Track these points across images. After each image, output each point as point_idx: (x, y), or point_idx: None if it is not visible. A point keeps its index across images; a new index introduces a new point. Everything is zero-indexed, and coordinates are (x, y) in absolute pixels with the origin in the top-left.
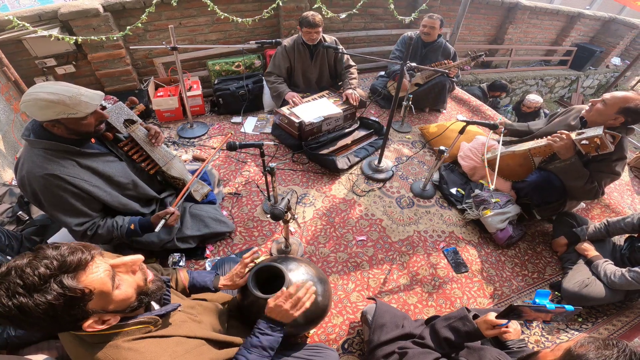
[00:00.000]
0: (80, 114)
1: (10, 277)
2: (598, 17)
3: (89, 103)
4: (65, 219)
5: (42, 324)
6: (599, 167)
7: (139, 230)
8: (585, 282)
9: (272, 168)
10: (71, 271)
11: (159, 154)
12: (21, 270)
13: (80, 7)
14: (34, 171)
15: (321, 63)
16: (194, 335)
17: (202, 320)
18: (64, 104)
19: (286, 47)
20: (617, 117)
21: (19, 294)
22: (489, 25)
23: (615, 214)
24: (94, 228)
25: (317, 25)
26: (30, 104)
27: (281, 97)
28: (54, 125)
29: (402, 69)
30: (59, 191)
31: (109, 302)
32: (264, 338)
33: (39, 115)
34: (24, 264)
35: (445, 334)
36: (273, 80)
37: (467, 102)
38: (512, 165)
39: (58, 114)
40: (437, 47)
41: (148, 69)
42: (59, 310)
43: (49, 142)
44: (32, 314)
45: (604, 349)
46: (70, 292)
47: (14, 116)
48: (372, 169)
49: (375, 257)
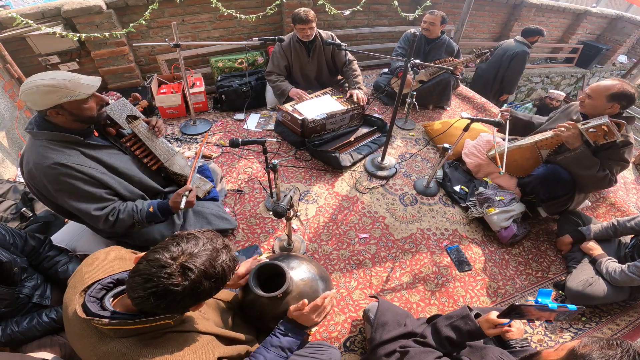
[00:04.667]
0: (83, 95)
1: (217, 243)
2: (604, 15)
3: (89, 85)
4: (81, 206)
5: (202, 296)
6: (608, 155)
7: (159, 213)
8: (589, 281)
9: (274, 165)
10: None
11: (161, 149)
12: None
13: (84, 4)
14: (40, 162)
15: (319, 59)
16: (205, 331)
17: (209, 317)
18: (65, 87)
19: (282, 45)
20: (613, 105)
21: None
22: (494, 23)
23: (620, 213)
24: (115, 213)
25: (310, 21)
26: (32, 91)
27: (285, 94)
28: (58, 112)
29: (406, 65)
30: (68, 179)
31: None
32: (285, 339)
33: (41, 102)
34: (223, 244)
35: (447, 332)
36: (275, 79)
37: (472, 99)
38: (519, 161)
39: (61, 97)
40: (441, 44)
41: (151, 66)
42: (228, 275)
43: (53, 132)
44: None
45: (608, 349)
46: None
47: (17, 113)
48: (375, 166)
49: (378, 255)
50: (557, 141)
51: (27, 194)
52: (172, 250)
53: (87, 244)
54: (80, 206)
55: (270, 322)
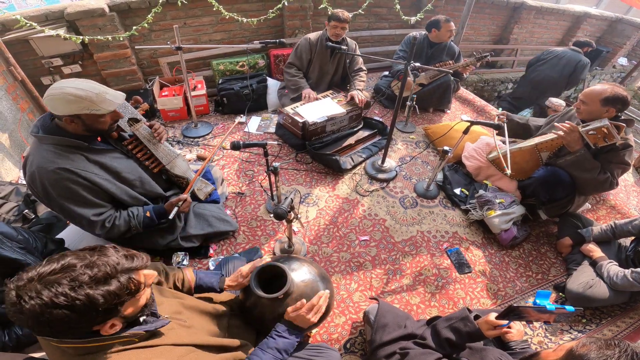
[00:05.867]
0: (103, 110)
1: (77, 270)
2: (604, 17)
3: (112, 102)
4: (80, 211)
5: (81, 323)
6: (608, 157)
7: (155, 217)
8: (589, 283)
9: (275, 167)
10: (133, 270)
11: (162, 152)
12: (92, 264)
13: (86, 7)
14: (45, 166)
15: (339, 62)
16: (181, 343)
17: (192, 325)
18: (90, 100)
19: (311, 39)
20: (608, 109)
21: (86, 284)
22: (494, 25)
23: (621, 215)
24: (111, 220)
25: (345, 21)
26: (57, 97)
27: (298, 91)
28: (73, 120)
29: (406, 68)
30: (70, 184)
31: (134, 307)
32: (281, 340)
33: (62, 108)
34: (93, 260)
35: (447, 334)
36: (294, 73)
37: (472, 102)
38: (519, 163)
39: (82, 109)
40: (443, 48)
41: (153, 68)
42: (121, 298)
43: (59, 137)
44: (93, 304)
45: (606, 349)
46: (133, 282)
47: (20, 115)
48: (375, 169)
49: (378, 257)
50: (558, 144)
51: (30, 195)
52: (22, 277)
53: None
54: (80, 211)
55: (270, 323)
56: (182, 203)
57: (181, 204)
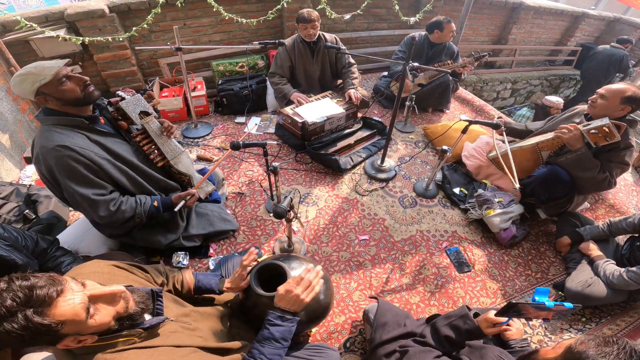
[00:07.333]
0: (48, 77)
1: None
2: (603, 17)
3: (52, 67)
4: (81, 190)
5: (15, 345)
6: (608, 157)
7: (161, 208)
8: (588, 281)
9: (275, 167)
10: (37, 306)
11: (168, 147)
12: None
13: (86, 8)
14: (46, 145)
15: (322, 60)
16: (183, 345)
17: (197, 327)
18: (31, 73)
19: (286, 46)
20: (624, 107)
21: None
22: (493, 26)
23: (620, 214)
24: (117, 203)
25: (313, 21)
26: (13, 83)
27: (286, 97)
28: (45, 99)
29: (404, 69)
30: (70, 161)
31: (83, 329)
32: (274, 329)
33: (22, 91)
34: None
35: (446, 332)
36: (277, 81)
37: (471, 102)
38: (520, 162)
39: (33, 83)
40: (442, 48)
41: (153, 69)
42: (27, 338)
43: (58, 117)
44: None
45: (604, 346)
46: (35, 325)
47: (21, 116)
48: (374, 169)
49: (378, 257)
50: (558, 142)
51: (30, 196)
52: None
53: (89, 245)
54: (81, 190)
55: None
56: (190, 197)
57: (189, 199)
